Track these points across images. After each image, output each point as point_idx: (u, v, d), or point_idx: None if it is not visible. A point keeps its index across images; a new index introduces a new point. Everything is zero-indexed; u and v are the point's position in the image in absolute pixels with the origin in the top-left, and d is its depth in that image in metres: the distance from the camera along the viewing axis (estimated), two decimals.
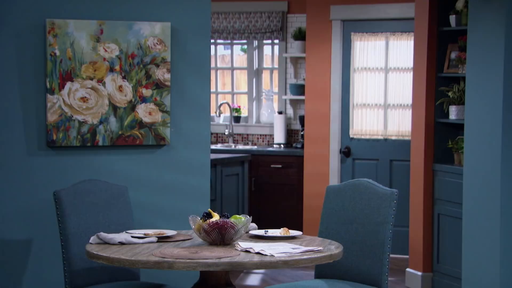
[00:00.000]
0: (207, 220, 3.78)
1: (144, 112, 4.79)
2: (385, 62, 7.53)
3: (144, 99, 4.79)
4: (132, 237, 3.89)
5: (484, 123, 5.48)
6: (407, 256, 6.84)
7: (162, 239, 3.92)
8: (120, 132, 4.76)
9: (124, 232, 4.03)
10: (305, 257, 3.57)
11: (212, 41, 8.58)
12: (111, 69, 4.73)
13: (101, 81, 4.72)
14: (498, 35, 5.32)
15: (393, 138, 7.51)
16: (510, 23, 5.31)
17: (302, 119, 8.20)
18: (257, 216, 7.74)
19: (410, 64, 7.17)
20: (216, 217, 3.82)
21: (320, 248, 3.72)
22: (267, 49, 8.63)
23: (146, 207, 4.82)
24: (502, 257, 5.37)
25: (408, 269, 6.48)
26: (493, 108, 5.41)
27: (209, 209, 3.90)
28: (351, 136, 7.64)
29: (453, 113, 6.11)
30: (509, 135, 5.41)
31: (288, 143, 8.36)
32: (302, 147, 8.01)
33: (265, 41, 8.57)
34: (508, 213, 5.41)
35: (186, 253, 3.58)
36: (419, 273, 6.33)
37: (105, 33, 4.70)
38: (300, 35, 8.15)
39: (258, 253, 3.61)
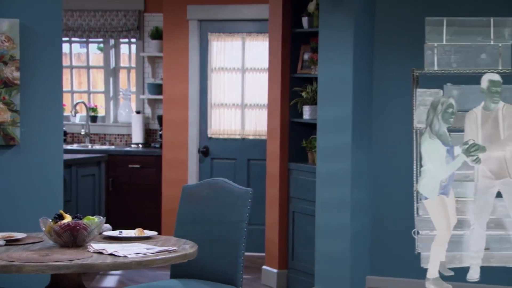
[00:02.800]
0: (59, 222, 3.69)
1: None
2: (241, 62, 7.61)
3: None
4: None
5: (335, 123, 5.65)
6: (263, 254, 6.95)
7: (10, 242, 3.80)
8: None
9: None
10: (159, 257, 3.56)
11: (66, 39, 8.39)
12: None
13: None
14: (347, 36, 5.50)
15: (251, 137, 7.61)
16: (359, 25, 5.51)
17: (160, 118, 8.16)
18: (115, 217, 7.63)
19: (266, 64, 7.28)
20: (68, 218, 3.74)
21: (175, 248, 3.72)
22: (124, 48, 8.53)
23: None
24: (352, 253, 5.56)
25: (264, 267, 6.58)
26: (343, 108, 5.59)
27: (61, 211, 3.81)
28: (209, 135, 7.68)
29: (306, 113, 6.26)
30: (358, 134, 5.61)
31: (147, 143, 8.29)
32: (161, 146, 7.97)
33: (122, 40, 8.46)
34: (357, 210, 5.61)
35: (36, 256, 3.48)
36: (275, 271, 6.44)
37: None
38: (157, 34, 8.11)
39: (111, 254, 3.57)
